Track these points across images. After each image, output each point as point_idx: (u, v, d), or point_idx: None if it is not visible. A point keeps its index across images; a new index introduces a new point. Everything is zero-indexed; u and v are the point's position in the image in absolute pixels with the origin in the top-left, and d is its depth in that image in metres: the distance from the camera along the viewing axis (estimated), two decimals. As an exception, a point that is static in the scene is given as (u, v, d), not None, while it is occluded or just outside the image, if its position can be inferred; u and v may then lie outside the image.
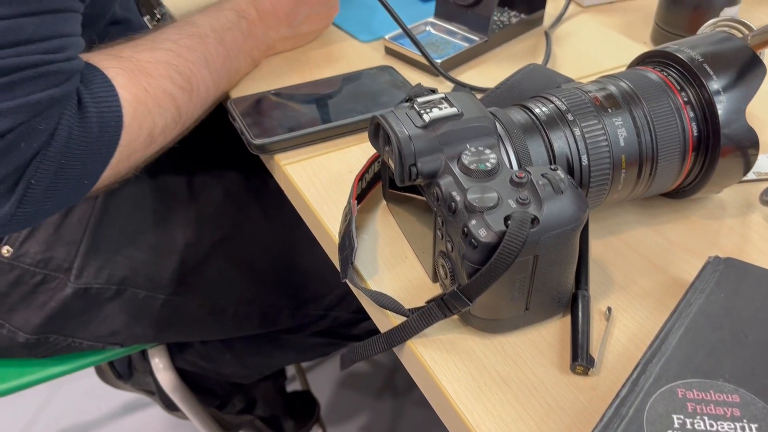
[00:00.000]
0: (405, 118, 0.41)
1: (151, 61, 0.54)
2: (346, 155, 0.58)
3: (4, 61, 0.42)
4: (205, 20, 0.61)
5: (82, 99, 0.47)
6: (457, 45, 0.71)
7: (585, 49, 0.74)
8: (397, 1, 0.82)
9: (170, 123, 0.55)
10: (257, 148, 0.56)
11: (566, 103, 0.45)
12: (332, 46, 0.74)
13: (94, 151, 0.48)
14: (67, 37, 0.47)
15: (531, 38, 0.76)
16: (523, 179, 0.38)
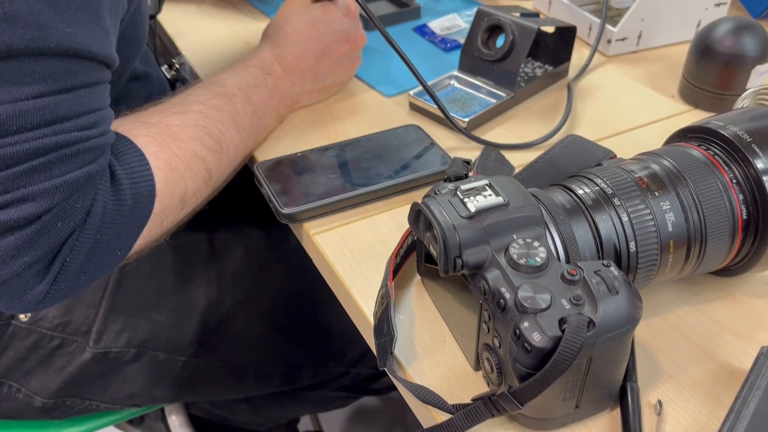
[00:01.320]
0: (448, 206, 0.40)
1: (180, 125, 0.53)
2: (377, 223, 0.56)
3: (42, 140, 0.41)
4: (232, 79, 0.60)
5: (115, 172, 0.46)
6: (483, 101, 0.70)
7: (612, 103, 0.72)
8: (420, 50, 0.82)
9: (201, 186, 0.54)
10: (286, 218, 0.55)
11: (610, 184, 0.44)
12: (355, 98, 0.73)
13: (128, 223, 0.47)
14: (101, 111, 0.46)
15: (556, 91, 0.75)
16: (575, 277, 0.37)
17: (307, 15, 0.67)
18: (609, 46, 0.80)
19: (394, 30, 0.87)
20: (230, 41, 0.85)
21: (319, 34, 0.67)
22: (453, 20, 0.87)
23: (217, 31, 0.87)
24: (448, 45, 0.82)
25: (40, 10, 0.40)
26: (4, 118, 0.40)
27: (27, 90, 0.41)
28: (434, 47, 0.83)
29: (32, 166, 0.41)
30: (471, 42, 0.72)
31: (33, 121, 0.41)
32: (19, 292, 0.43)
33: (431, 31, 0.85)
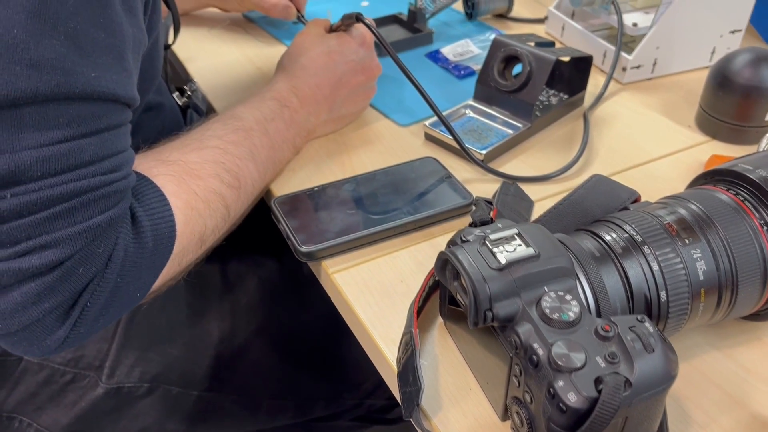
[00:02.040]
0: (477, 256, 0.39)
1: (199, 162, 0.52)
2: (396, 261, 0.55)
3: (66, 186, 0.41)
4: (249, 112, 0.60)
5: (136, 214, 0.46)
6: (499, 132, 0.69)
7: (628, 133, 0.72)
8: (434, 77, 0.81)
9: (220, 222, 0.54)
10: (305, 256, 0.54)
11: (639, 230, 0.43)
12: (370, 127, 0.73)
13: (148, 264, 0.46)
14: (123, 153, 0.45)
15: (572, 120, 0.74)
16: (609, 333, 0.36)
17: (323, 45, 0.67)
18: (624, 74, 0.80)
19: (406, 56, 0.86)
20: (242, 67, 0.84)
21: (334, 65, 0.66)
22: (466, 46, 0.87)
23: (228, 56, 0.86)
24: (461, 72, 0.82)
25: (66, 54, 0.40)
26: (28, 164, 0.39)
27: (51, 135, 0.40)
28: (448, 74, 0.82)
29: (55, 212, 0.40)
30: (487, 72, 0.72)
31: (57, 166, 0.40)
32: (38, 337, 0.43)
33: (444, 58, 0.85)
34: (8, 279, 0.40)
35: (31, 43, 0.38)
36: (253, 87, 0.80)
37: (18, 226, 0.40)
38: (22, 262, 0.40)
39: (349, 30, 0.69)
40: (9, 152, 0.39)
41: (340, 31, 0.69)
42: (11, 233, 0.40)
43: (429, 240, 0.58)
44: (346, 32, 0.69)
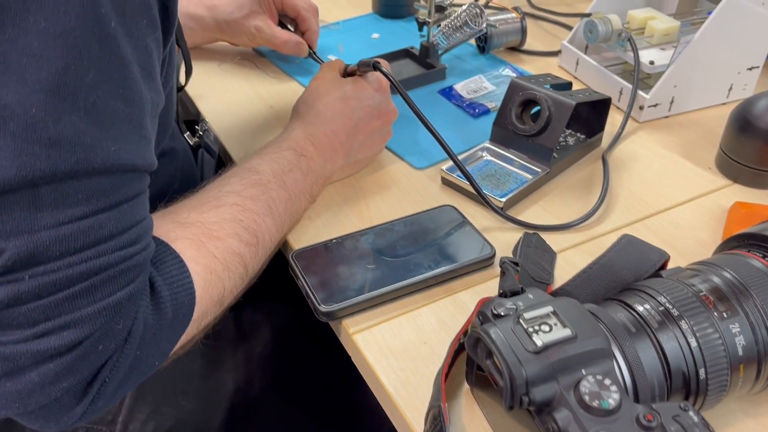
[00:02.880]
0: (512, 336, 0.38)
1: (217, 221, 0.51)
2: (418, 319, 0.54)
3: (86, 264, 0.39)
4: (266, 164, 0.59)
5: (155, 284, 0.44)
6: (518, 177, 0.68)
7: (648, 177, 0.71)
8: (448, 116, 0.80)
9: (238, 282, 0.53)
10: (325, 316, 0.53)
11: (674, 302, 0.42)
12: (385, 170, 0.72)
13: (167, 335, 0.45)
14: (142, 222, 0.44)
15: (590, 162, 0.73)
16: (652, 423, 0.35)
17: (339, 91, 0.66)
18: (641, 113, 0.79)
19: (419, 92, 0.85)
20: (254, 105, 0.83)
21: (351, 111, 0.65)
22: (479, 82, 0.86)
23: (239, 93, 0.85)
24: (476, 110, 0.81)
25: (86, 130, 0.39)
26: (47, 244, 0.38)
27: (70, 212, 0.39)
28: (462, 112, 0.81)
29: (74, 292, 0.39)
30: (504, 115, 0.70)
31: (76, 244, 0.39)
32: (56, 415, 0.42)
33: (458, 95, 0.84)
34: (26, 360, 0.39)
35: (50, 122, 0.37)
36: (266, 127, 0.79)
37: (37, 307, 0.38)
38: (40, 343, 0.39)
39: (365, 75, 0.68)
40: (28, 233, 0.37)
41: (355, 75, 0.68)
42: (29, 314, 0.38)
43: (451, 296, 0.56)
44: (362, 77, 0.68)
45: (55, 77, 0.37)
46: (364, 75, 0.68)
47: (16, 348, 0.38)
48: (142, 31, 0.42)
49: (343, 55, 0.94)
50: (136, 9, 0.41)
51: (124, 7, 0.40)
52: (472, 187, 0.63)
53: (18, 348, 0.38)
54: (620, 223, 0.64)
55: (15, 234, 0.37)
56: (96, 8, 0.38)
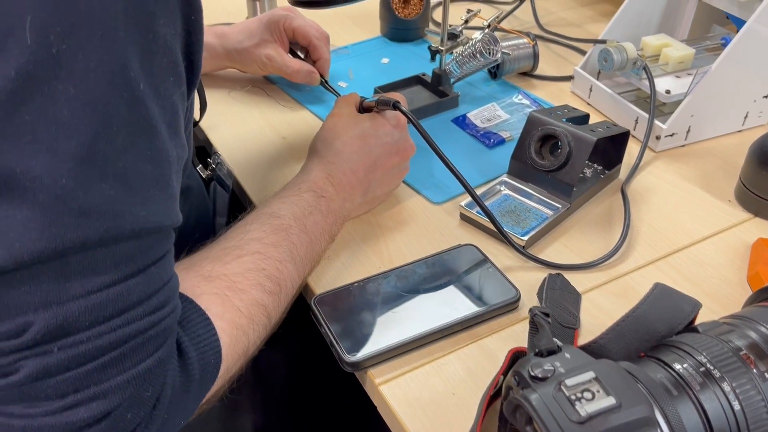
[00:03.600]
0: (554, 405, 0.37)
1: (240, 272, 0.50)
2: (445, 368, 0.53)
3: (115, 333, 0.38)
4: (286, 208, 0.58)
5: (182, 345, 0.43)
6: (538, 214, 0.68)
7: (668, 211, 0.70)
8: (463, 147, 0.80)
9: (262, 332, 0.52)
10: (350, 366, 0.52)
11: (713, 362, 0.41)
12: (403, 206, 0.71)
13: (194, 394, 0.44)
14: (169, 282, 0.43)
15: (609, 195, 0.72)
16: (703, 498, 0.34)
17: (356, 128, 0.65)
18: (658, 142, 0.78)
19: (432, 121, 0.85)
20: (266, 136, 0.82)
21: (369, 148, 0.64)
22: (493, 110, 0.85)
23: (251, 124, 0.84)
24: (491, 141, 0.80)
25: (115, 197, 0.38)
26: (76, 315, 0.37)
27: (99, 280, 0.38)
28: (477, 143, 0.80)
29: (104, 362, 0.38)
30: (523, 149, 0.70)
31: (105, 313, 0.38)
32: None
33: (472, 124, 0.83)
34: None
35: (80, 192, 0.36)
36: (280, 160, 0.78)
37: (66, 379, 0.37)
38: (69, 415, 0.38)
39: (382, 111, 0.67)
40: (56, 304, 0.37)
41: (373, 111, 0.67)
42: (58, 386, 0.37)
43: (476, 342, 0.56)
44: (379, 114, 0.67)
45: (84, 145, 0.36)
46: (382, 111, 0.67)
47: (44, 420, 0.37)
48: (169, 89, 0.42)
49: (354, 81, 0.93)
50: (163, 67, 0.40)
51: (152, 67, 0.39)
52: (494, 226, 0.63)
53: (47, 420, 0.37)
54: (643, 261, 0.64)
55: (43, 306, 0.36)
56: (125, 72, 0.37)
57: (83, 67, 0.36)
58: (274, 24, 0.85)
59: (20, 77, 0.34)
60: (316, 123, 0.85)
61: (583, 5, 1.17)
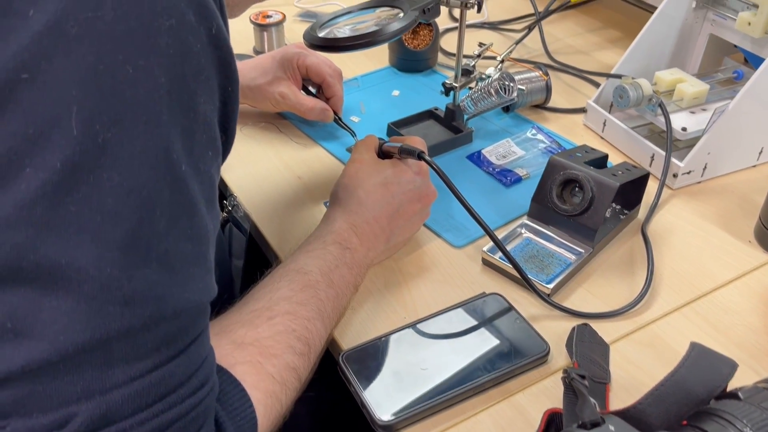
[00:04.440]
0: (605, 487, 0.37)
1: (271, 336, 0.50)
2: (477, 427, 0.53)
3: (158, 419, 0.38)
4: (313, 263, 0.57)
5: (219, 420, 0.43)
6: (561, 259, 0.67)
7: (688, 252, 0.70)
8: (481, 185, 0.79)
9: (293, 395, 0.51)
10: (384, 429, 0.52)
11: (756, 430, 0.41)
12: (423, 250, 0.70)
13: None
14: (207, 359, 0.42)
15: (630, 236, 0.72)
16: None
17: (379, 176, 0.64)
18: (675, 180, 0.78)
19: (447, 157, 0.84)
20: (281, 175, 0.81)
21: (391, 196, 0.64)
22: (508, 147, 0.85)
23: (265, 162, 0.84)
24: (508, 179, 0.79)
25: (158, 281, 0.37)
26: (119, 404, 0.36)
27: (142, 365, 0.37)
28: (494, 181, 0.80)
29: None
30: (544, 192, 0.69)
31: (148, 399, 0.37)
32: None
33: (487, 161, 0.83)
34: None
35: (124, 279, 0.35)
36: (296, 201, 0.77)
37: None
38: None
39: (405, 159, 0.67)
40: (99, 393, 0.36)
41: (393, 157, 0.67)
42: None
43: (507, 398, 0.55)
44: (401, 160, 0.66)
45: (129, 233, 0.35)
46: (404, 159, 0.67)
47: None
48: (207, 163, 0.41)
49: (366, 116, 0.93)
50: (203, 144, 0.40)
51: (192, 146, 0.39)
52: (519, 274, 0.62)
53: None
54: (668, 307, 0.63)
55: (86, 396, 0.36)
56: (168, 154, 0.37)
57: (128, 154, 0.35)
58: (287, 61, 0.85)
59: (66, 168, 0.34)
60: (331, 161, 0.84)
61: (589, 31, 1.17)
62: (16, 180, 0.33)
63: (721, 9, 0.86)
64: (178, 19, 0.37)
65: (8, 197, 0.33)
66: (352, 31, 0.72)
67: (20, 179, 0.33)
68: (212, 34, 0.39)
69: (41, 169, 0.33)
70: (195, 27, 0.38)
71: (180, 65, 0.37)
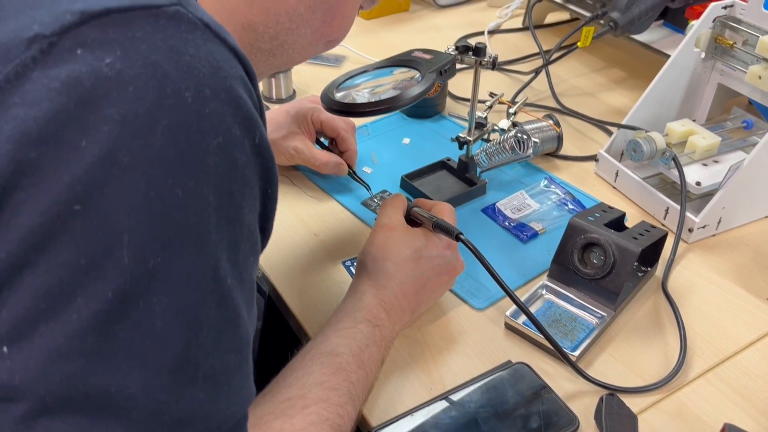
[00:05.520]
0: None
1: (305, 428, 0.50)
2: None
3: None
4: (344, 344, 0.57)
5: None
6: (584, 324, 0.67)
7: (708, 311, 0.70)
8: (497, 241, 0.80)
9: None
10: None
11: None
12: (448, 317, 0.69)
13: None
14: None
15: (649, 294, 0.73)
16: None
17: (408, 248, 0.64)
18: (690, 234, 0.79)
19: (462, 211, 0.84)
20: (297, 233, 0.81)
21: (421, 271, 0.64)
22: (522, 199, 0.85)
23: (280, 218, 0.81)
24: (525, 235, 0.80)
25: (205, 398, 0.37)
26: None
27: None
28: (510, 236, 0.80)
29: None
30: (564, 255, 0.70)
31: None
32: None
33: (502, 214, 0.83)
34: None
35: (172, 402, 0.35)
36: (314, 261, 0.77)
37: None
38: None
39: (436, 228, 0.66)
40: None
41: (423, 227, 0.66)
42: None
43: (540, 476, 0.55)
44: (431, 232, 0.66)
45: (177, 355, 0.35)
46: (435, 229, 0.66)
47: None
48: (249, 269, 0.41)
49: (378, 166, 0.93)
50: (246, 253, 0.40)
51: (237, 258, 0.39)
52: (548, 342, 0.62)
53: None
54: (693, 373, 0.64)
55: None
56: (216, 273, 0.37)
57: (177, 277, 0.35)
58: (302, 116, 0.85)
59: (117, 297, 0.33)
60: (346, 215, 0.84)
61: (594, 71, 1.18)
62: (67, 310, 0.33)
63: (729, 60, 0.87)
64: (225, 136, 0.37)
65: (60, 328, 0.33)
66: (371, 95, 0.72)
67: (71, 309, 0.33)
68: (256, 144, 0.39)
69: (92, 300, 0.33)
70: (240, 140, 0.38)
71: (227, 182, 0.37)
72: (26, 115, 0.32)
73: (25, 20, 0.33)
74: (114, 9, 0.34)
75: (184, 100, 0.35)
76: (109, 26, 0.34)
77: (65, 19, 0.33)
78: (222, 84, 0.37)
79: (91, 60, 0.33)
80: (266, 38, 0.54)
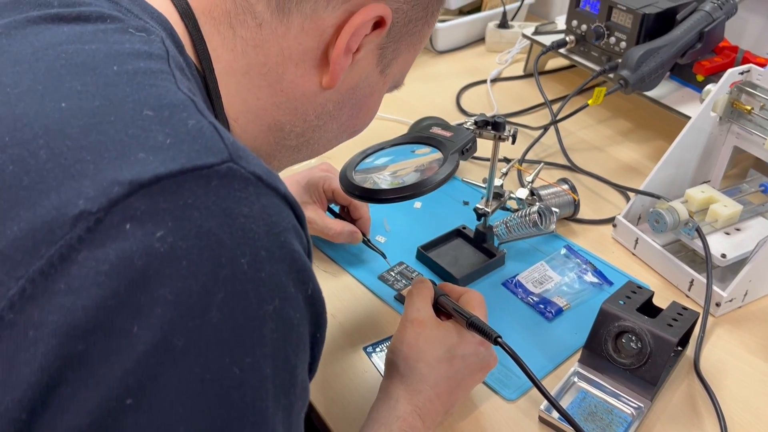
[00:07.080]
0: None
1: None
2: None
3: None
4: None
5: None
6: (621, 416, 0.65)
7: (743, 394, 0.68)
8: (521, 319, 0.79)
9: None
10: None
11: None
12: (480, 411, 0.67)
13: None
14: None
15: (682, 375, 0.71)
16: None
17: (441, 348, 0.61)
18: (717, 308, 0.77)
19: (482, 284, 0.82)
20: (314, 314, 0.78)
21: (455, 371, 0.61)
22: (543, 271, 0.83)
23: (294, 297, 0.80)
24: (550, 312, 0.77)
25: None
26: None
27: None
28: (534, 313, 0.78)
29: None
30: (597, 342, 0.67)
31: None
32: None
33: (525, 288, 0.81)
34: None
35: None
36: (336, 348, 0.74)
37: None
38: None
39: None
40: None
41: (455, 321, 0.64)
42: None
43: None
44: (464, 328, 0.63)
45: None
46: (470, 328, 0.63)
47: None
48: (301, 423, 0.38)
49: (391, 234, 0.90)
50: (299, 409, 0.37)
51: (290, 419, 0.37)
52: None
53: None
54: (736, 468, 0.62)
55: None
56: None
57: None
58: (313, 186, 0.82)
59: None
60: (363, 293, 0.81)
61: (599, 122, 1.17)
62: None
63: (746, 124, 0.86)
64: (280, 297, 0.34)
65: None
66: (393, 177, 0.70)
67: None
68: (309, 295, 0.37)
69: None
70: (294, 297, 0.35)
71: (283, 347, 0.34)
72: (73, 304, 0.29)
73: (69, 194, 0.30)
74: (164, 175, 0.31)
75: (240, 268, 0.32)
76: (159, 195, 0.31)
77: (113, 192, 0.30)
78: (277, 241, 0.34)
79: (141, 236, 0.30)
80: (293, 136, 0.52)
